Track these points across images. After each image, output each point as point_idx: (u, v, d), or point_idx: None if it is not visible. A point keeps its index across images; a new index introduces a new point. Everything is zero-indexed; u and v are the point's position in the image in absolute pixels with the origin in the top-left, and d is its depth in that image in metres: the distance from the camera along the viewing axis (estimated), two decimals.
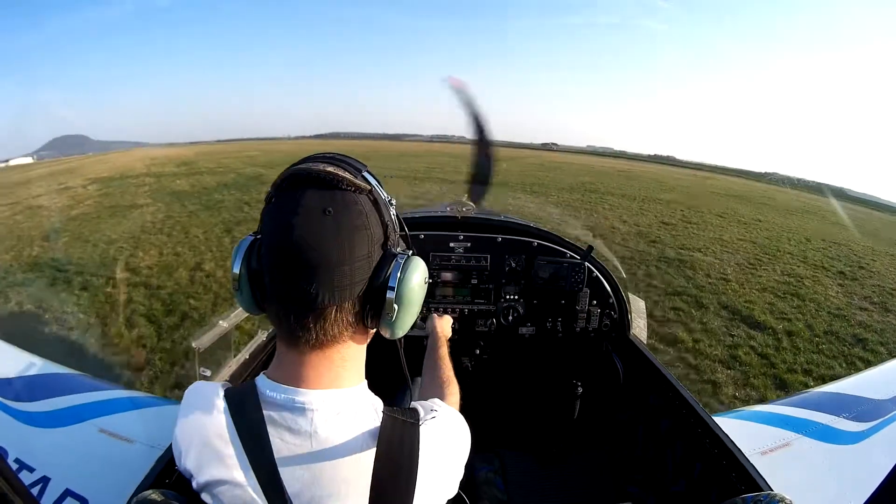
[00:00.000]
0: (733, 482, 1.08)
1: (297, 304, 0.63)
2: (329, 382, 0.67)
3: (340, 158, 0.69)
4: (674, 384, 1.45)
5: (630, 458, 1.70)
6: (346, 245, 0.62)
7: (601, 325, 1.87)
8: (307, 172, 0.63)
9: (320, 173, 0.63)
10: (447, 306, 1.86)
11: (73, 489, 1.15)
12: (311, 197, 0.62)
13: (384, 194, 0.70)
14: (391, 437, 0.64)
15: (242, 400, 0.66)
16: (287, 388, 0.66)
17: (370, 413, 0.68)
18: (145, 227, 9.42)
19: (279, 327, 0.67)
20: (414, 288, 0.69)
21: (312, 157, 0.69)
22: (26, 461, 1.21)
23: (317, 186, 0.63)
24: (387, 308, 0.67)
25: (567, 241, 1.85)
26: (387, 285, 0.66)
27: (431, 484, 0.66)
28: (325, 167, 0.64)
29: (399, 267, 0.66)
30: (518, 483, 1.76)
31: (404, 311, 0.69)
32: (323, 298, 0.62)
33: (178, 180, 17.92)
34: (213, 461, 0.66)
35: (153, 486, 0.90)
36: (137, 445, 1.28)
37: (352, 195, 0.64)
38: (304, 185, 0.63)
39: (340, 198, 0.63)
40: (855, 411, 1.48)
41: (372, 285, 0.66)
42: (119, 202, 12.89)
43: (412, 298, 0.70)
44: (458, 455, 0.74)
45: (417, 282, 0.70)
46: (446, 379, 1.12)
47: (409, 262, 0.68)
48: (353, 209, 0.63)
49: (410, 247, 0.73)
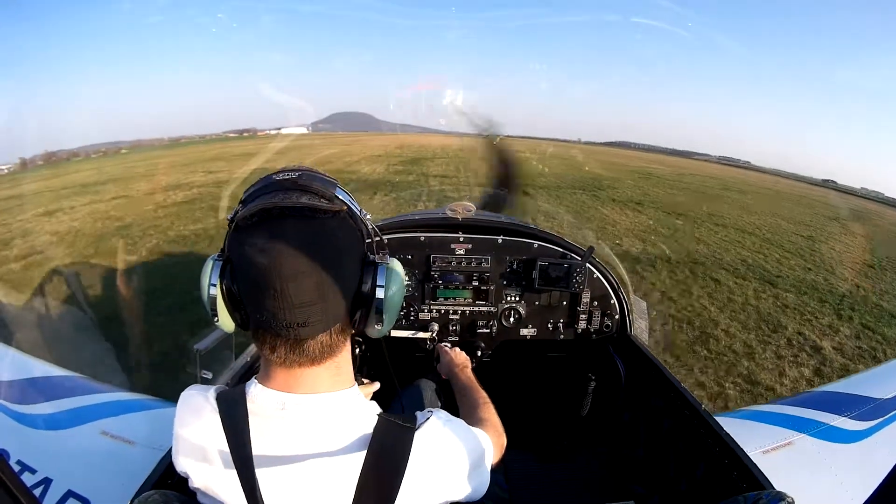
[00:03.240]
0: (735, 480, 1.08)
1: (288, 337, 0.63)
2: (320, 388, 0.67)
3: (308, 179, 0.65)
4: (675, 385, 1.45)
5: (633, 457, 1.70)
6: (332, 275, 0.62)
7: (602, 326, 1.87)
8: (280, 208, 0.60)
9: (294, 207, 0.60)
10: (448, 308, 1.87)
11: (75, 490, 1.16)
12: (289, 232, 0.60)
13: (356, 206, 0.70)
14: (384, 441, 0.64)
15: (232, 403, 0.66)
16: (276, 393, 0.66)
17: (364, 416, 0.68)
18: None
19: (270, 351, 0.65)
20: (397, 292, 0.71)
21: (280, 182, 0.64)
22: (28, 463, 1.22)
23: (293, 219, 0.60)
24: (374, 314, 0.68)
25: (568, 242, 1.85)
26: (373, 294, 0.67)
27: (418, 489, 0.66)
28: (297, 198, 0.61)
29: (381, 274, 0.68)
30: (521, 482, 1.76)
31: (390, 313, 0.70)
32: (315, 329, 0.63)
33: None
34: (204, 462, 0.68)
35: (155, 487, 0.90)
36: (139, 447, 1.28)
37: (329, 221, 0.63)
38: (279, 219, 0.60)
39: (320, 228, 0.62)
40: (857, 410, 1.48)
41: (358, 297, 0.67)
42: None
43: (396, 300, 0.71)
44: (454, 461, 0.72)
45: (399, 285, 0.71)
46: (474, 403, 1.12)
47: (389, 268, 0.69)
48: (334, 237, 0.63)
49: (386, 250, 0.73)
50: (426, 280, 1.83)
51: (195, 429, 0.69)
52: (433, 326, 1.84)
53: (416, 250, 1.82)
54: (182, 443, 0.70)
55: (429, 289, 1.84)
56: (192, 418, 0.69)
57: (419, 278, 1.84)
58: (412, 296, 1.85)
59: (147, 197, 12.56)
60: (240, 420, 0.64)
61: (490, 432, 0.89)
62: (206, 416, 0.67)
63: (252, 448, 0.62)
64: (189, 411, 0.71)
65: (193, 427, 0.69)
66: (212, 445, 0.67)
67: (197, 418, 0.69)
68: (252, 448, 0.62)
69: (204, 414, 0.68)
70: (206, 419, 0.67)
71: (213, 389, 0.70)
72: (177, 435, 0.71)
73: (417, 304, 1.86)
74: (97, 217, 10.18)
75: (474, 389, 1.21)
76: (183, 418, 0.71)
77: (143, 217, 9.80)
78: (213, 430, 0.66)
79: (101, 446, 1.30)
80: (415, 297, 1.86)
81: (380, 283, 0.67)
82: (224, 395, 0.68)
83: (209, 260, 0.67)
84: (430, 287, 1.83)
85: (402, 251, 1.81)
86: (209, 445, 0.67)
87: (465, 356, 1.50)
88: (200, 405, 0.69)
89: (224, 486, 0.66)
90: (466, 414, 1.10)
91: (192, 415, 0.70)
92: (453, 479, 0.72)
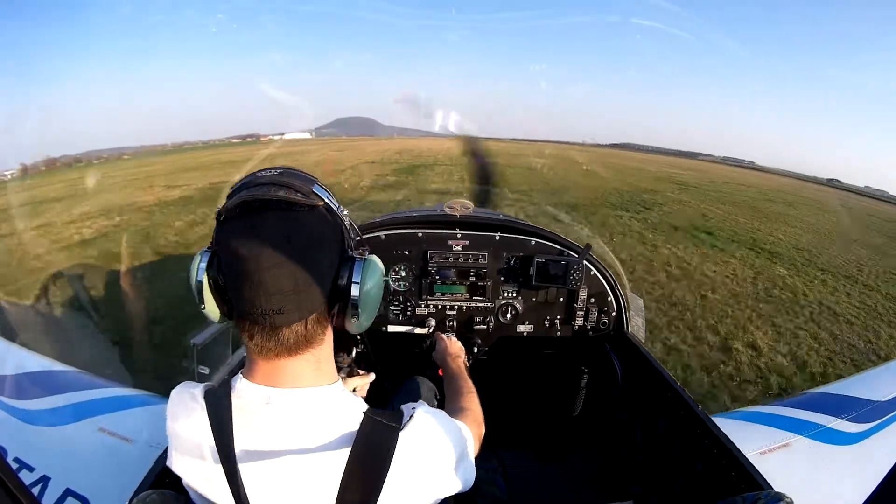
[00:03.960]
0: (733, 481, 1.08)
1: (265, 324, 0.65)
2: (303, 382, 0.69)
3: (289, 176, 0.68)
4: (672, 383, 1.45)
5: (630, 457, 1.70)
6: (308, 266, 0.64)
7: (599, 323, 1.88)
8: (260, 201, 0.63)
9: (271, 200, 0.63)
10: (445, 303, 1.87)
11: (73, 489, 1.15)
12: (268, 224, 0.63)
13: (335, 203, 0.72)
14: (369, 439, 0.65)
15: (218, 399, 0.67)
16: (261, 388, 0.68)
17: (349, 413, 0.68)
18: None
19: (249, 339, 0.67)
20: (374, 287, 0.72)
21: (261, 178, 0.68)
22: (26, 460, 1.21)
23: (272, 212, 0.64)
24: (351, 308, 0.70)
25: (565, 239, 1.86)
26: (349, 289, 0.69)
27: (403, 488, 0.66)
28: (276, 192, 0.64)
29: (359, 269, 0.70)
30: (518, 482, 1.76)
31: (367, 308, 0.72)
32: (290, 318, 0.64)
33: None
34: (193, 459, 0.69)
35: (153, 486, 0.90)
36: (137, 444, 1.28)
37: (307, 215, 0.65)
38: (259, 211, 0.64)
39: (297, 220, 0.64)
40: (854, 412, 1.48)
41: (336, 290, 0.69)
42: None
43: (373, 295, 0.73)
44: (439, 458, 0.73)
45: (376, 280, 0.73)
46: (458, 390, 1.16)
47: (367, 263, 0.71)
48: (311, 230, 0.66)
49: (365, 246, 0.76)
50: (423, 276, 1.84)
51: (184, 426, 0.70)
52: (430, 322, 1.85)
53: (413, 246, 1.82)
54: (173, 440, 0.72)
55: (426, 284, 1.84)
56: (182, 415, 0.71)
57: (416, 274, 1.85)
58: (409, 291, 1.86)
59: (67, 226, 9.40)
60: (224, 415, 0.65)
61: (470, 423, 0.93)
62: (194, 412, 0.69)
63: (236, 443, 0.63)
64: (178, 408, 0.72)
65: (182, 424, 0.70)
66: (200, 442, 0.68)
67: (186, 415, 0.70)
68: (236, 443, 0.63)
69: (192, 411, 0.69)
70: (195, 416, 0.69)
71: (201, 386, 0.71)
72: (168, 432, 0.73)
73: (414, 300, 1.86)
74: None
75: (462, 378, 1.25)
76: (172, 417, 0.72)
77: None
78: (200, 426, 0.67)
79: (100, 443, 1.30)
80: (412, 292, 1.86)
81: (356, 278, 0.69)
82: (211, 391, 0.70)
83: (198, 253, 0.71)
84: (427, 283, 1.84)
85: (399, 247, 1.82)
86: (197, 442, 0.68)
87: (460, 346, 1.55)
88: (189, 402, 0.70)
89: (211, 481, 0.67)
90: (450, 400, 1.16)
91: (181, 412, 0.71)
92: (439, 476, 0.73)
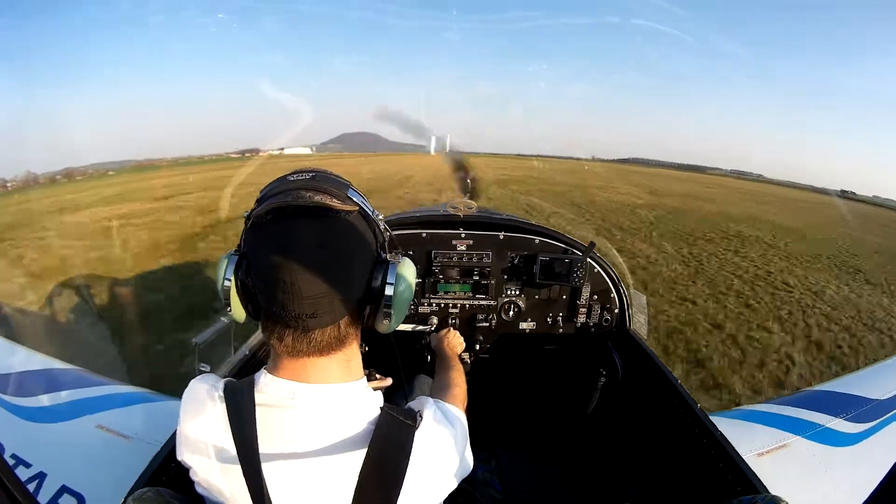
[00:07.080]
0: (730, 484, 1.08)
1: (297, 327, 0.65)
2: (331, 379, 0.69)
3: (323, 180, 0.68)
4: (672, 381, 1.45)
5: (627, 458, 1.70)
6: (342, 270, 0.65)
7: (602, 320, 1.88)
8: (294, 207, 0.63)
9: (308, 206, 0.63)
10: (448, 301, 1.87)
11: (69, 485, 1.15)
12: (303, 231, 0.63)
13: (369, 207, 0.72)
14: (387, 435, 0.65)
15: (239, 395, 0.67)
16: (287, 382, 0.67)
17: (369, 409, 0.69)
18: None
19: (278, 340, 0.67)
20: (407, 288, 0.73)
21: (294, 182, 0.67)
22: (23, 456, 1.21)
23: (306, 218, 0.63)
24: (383, 309, 0.70)
25: (569, 237, 1.86)
26: (383, 291, 0.69)
27: (419, 486, 0.67)
28: (311, 196, 0.64)
29: (393, 271, 0.70)
30: (515, 483, 1.76)
31: (399, 309, 0.72)
32: (323, 321, 0.65)
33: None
34: (207, 454, 0.68)
35: (150, 483, 0.89)
36: (134, 442, 1.28)
37: (343, 221, 0.65)
38: (293, 216, 0.63)
39: (333, 227, 0.64)
40: (853, 412, 1.48)
41: (369, 292, 0.69)
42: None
43: (406, 297, 0.73)
44: (451, 453, 0.74)
45: (409, 282, 0.74)
46: (448, 381, 1.19)
47: (400, 265, 0.71)
48: (347, 236, 0.66)
49: (398, 249, 0.76)
50: (427, 275, 1.84)
51: (201, 421, 0.69)
52: (432, 320, 1.85)
53: (417, 246, 1.82)
54: (186, 434, 0.70)
55: (429, 283, 1.85)
56: (198, 409, 0.70)
57: (420, 274, 1.84)
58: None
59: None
60: (246, 412, 0.64)
61: (459, 402, 1.02)
62: (213, 407, 0.68)
63: (258, 439, 0.62)
64: (195, 402, 0.71)
65: (199, 419, 0.69)
66: (217, 438, 0.67)
67: (203, 410, 0.69)
68: (258, 439, 0.62)
69: (210, 406, 0.68)
70: (213, 411, 0.68)
71: (221, 381, 0.71)
72: (181, 425, 0.71)
73: (417, 298, 1.86)
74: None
75: (452, 359, 1.35)
76: (189, 409, 0.71)
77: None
78: (218, 422, 0.66)
79: (97, 440, 1.30)
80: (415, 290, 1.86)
81: (390, 280, 0.69)
82: (231, 386, 0.69)
83: (224, 256, 0.71)
84: (430, 281, 1.84)
85: (403, 247, 1.81)
86: (214, 437, 0.67)
87: (461, 339, 1.60)
88: (207, 396, 0.70)
89: (227, 478, 0.66)
90: (438, 375, 1.27)
91: (198, 406, 0.70)
92: (450, 471, 0.74)
